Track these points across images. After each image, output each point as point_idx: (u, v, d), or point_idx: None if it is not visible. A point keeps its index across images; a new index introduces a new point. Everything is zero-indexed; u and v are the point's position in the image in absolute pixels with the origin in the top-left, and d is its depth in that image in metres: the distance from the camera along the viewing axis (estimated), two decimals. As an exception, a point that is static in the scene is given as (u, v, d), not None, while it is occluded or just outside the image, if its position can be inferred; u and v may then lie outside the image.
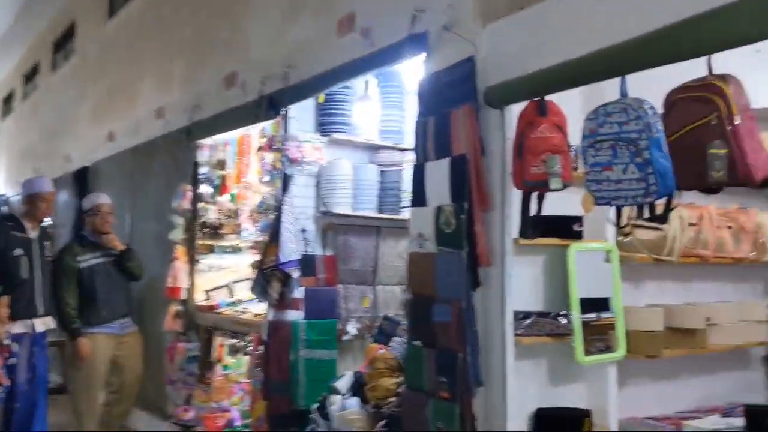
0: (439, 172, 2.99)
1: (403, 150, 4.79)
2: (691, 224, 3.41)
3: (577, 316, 2.94)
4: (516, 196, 2.83)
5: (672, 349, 3.30)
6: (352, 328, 4.67)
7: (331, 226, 4.55)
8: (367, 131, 4.68)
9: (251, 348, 4.78)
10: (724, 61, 2.14)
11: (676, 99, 2.13)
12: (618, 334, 3.13)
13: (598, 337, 3.14)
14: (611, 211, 2.52)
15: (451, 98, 3.00)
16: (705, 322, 3.43)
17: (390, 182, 4.78)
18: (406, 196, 4.79)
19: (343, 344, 4.54)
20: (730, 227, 3.59)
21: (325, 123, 4.56)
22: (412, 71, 4.40)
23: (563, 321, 2.95)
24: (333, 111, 4.58)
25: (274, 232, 4.28)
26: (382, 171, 4.78)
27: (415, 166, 3.19)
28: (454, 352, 2.79)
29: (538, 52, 2.69)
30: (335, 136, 4.53)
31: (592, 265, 3.20)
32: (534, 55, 2.71)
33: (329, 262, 4.48)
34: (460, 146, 2.91)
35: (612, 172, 2.32)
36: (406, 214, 4.73)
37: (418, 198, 3.12)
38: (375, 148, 4.81)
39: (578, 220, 3.04)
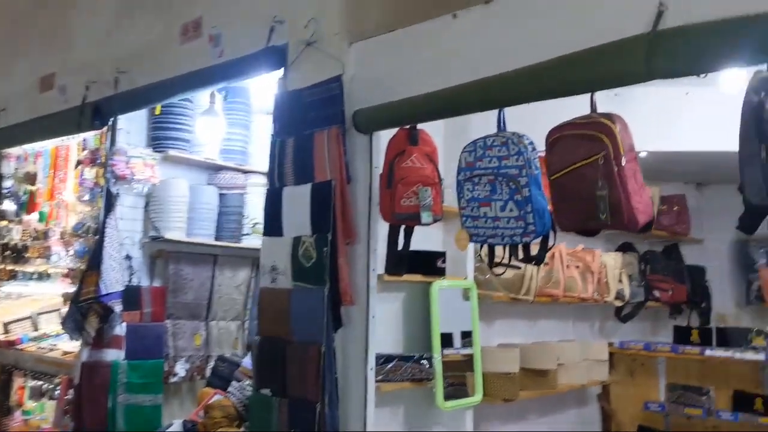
0: (299, 199, 2.76)
1: (246, 172, 4.50)
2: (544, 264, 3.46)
3: (438, 359, 2.82)
4: (382, 228, 2.67)
5: (526, 390, 3.29)
6: (181, 368, 4.26)
7: (161, 253, 4.13)
8: (207, 149, 4.33)
9: (59, 392, 4.18)
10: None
11: (561, 136, 2.08)
12: (476, 377, 3.06)
13: (457, 381, 3.05)
14: (483, 249, 2.43)
15: (315, 119, 2.79)
16: (556, 362, 3.47)
17: (230, 206, 4.45)
18: (249, 223, 4.49)
19: (169, 387, 4.12)
20: (578, 267, 3.70)
21: (160, 138, 4.16)
22: (262, 88, 4.17)
23: (426, 364, 2.80)
24: (170, 125, 4.19)
25: (94, 258, 3.80)
26: (221, 194, 4.43)
27: (269, 190, 2.93)
28: (310, 401, 2.54)
29: (410, 77, 2.57)
30: (171, 152, 4.14)
31: (451, 303, 3.12)
32: (405, 81, 2.58)
33: (157, 294, 4.08)
34: (324, 172, 2.70)
35: (490, 209, 2.23)
36: (247, 242, 4.44)
37: (273, 226, 2.86)
38: (215, 169, 4.46)
39: (442, 255, 2.94)
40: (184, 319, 4.32)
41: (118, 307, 3.78)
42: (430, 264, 2.93)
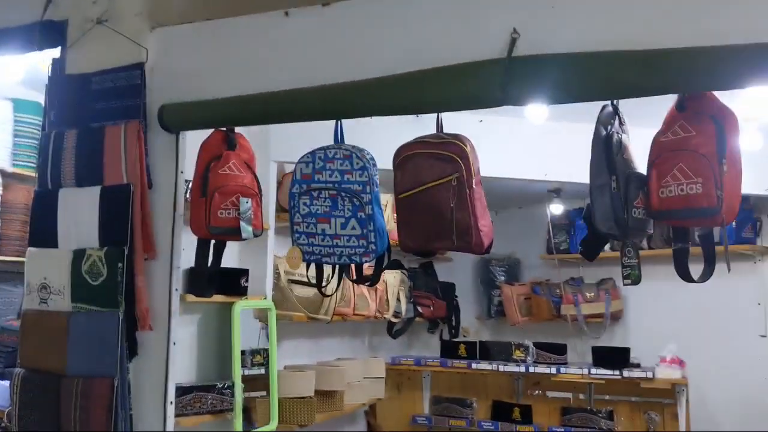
0: (82, 204, 2.37)
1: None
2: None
3: (240, 386, 2.61)
4: (185, 242, 2.39)
5: (319, 413, 3.21)
6: None
7: None
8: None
9: None
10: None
11: (414, 154, 2.05)
12: (272, 402, 2.89)
13: (248, 406, 2.86)
14: (312, 268, 2.30)
15: (107, 110, 2.43)
16: (345, 382, 3.43)
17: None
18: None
19: None
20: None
21: None
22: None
23: (228, 394, 2.58)
24: None
25: None
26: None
27: (38, 192, 2.48)
28: (101, 448, 2.17)
29: (230, 74, 2.35)
30: None
31: (244, 323, 2.92)
32: (223, 78, 2.36)
33: None
34: (119, 173, 2.35)
35: (329, 226, 2.11)
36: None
37: (44, 236, 2.43)
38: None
39: (245, 274, 2.74)
40: None
41: None
42: (232, 283, 2.70)
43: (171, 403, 2.33)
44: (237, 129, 2.46)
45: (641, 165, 1.92)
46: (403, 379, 4.79)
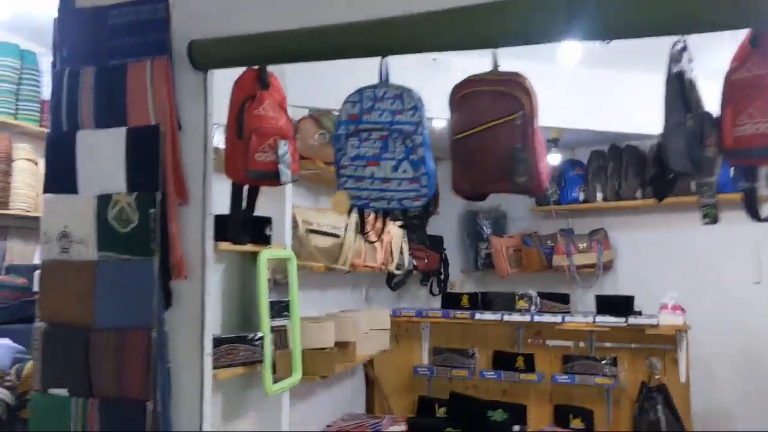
0: (105, 147, 2.25)
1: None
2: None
3: (269, 338, 2.56)
4: (216, 189, 2.30)
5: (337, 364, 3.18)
6: None
7: None
8: None
9: None
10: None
11: (471, 92, 1.98)
12: (295, 354, 2.85)
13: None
14: (352, 215, 2.24)
15: (129, 46, 2.29)
16: (359, 333, 3.41)
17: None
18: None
19: None
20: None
21: None
22: None
23: (259, 345, 2.52)
24: None
25: None
26: None
27: (51, 135, 2.35)
28: (134, 400, 2.10)
29: (265, 8, 2.24)
30: None
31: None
32: (255, 12, 2.24)
33: None
34: (144, 113, 2.23)
35: (379, 169, 2.04)
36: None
37: (61, 181, 2.30)
38: None
39: (269, 222, 2.66)
40: None
41: None
42: (257, 231, 2.62)
43: (208, 354, 2.27)
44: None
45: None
46: (401, 331, 4.80)
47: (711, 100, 1.87)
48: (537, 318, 4.61)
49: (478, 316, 4.67)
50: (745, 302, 4.73)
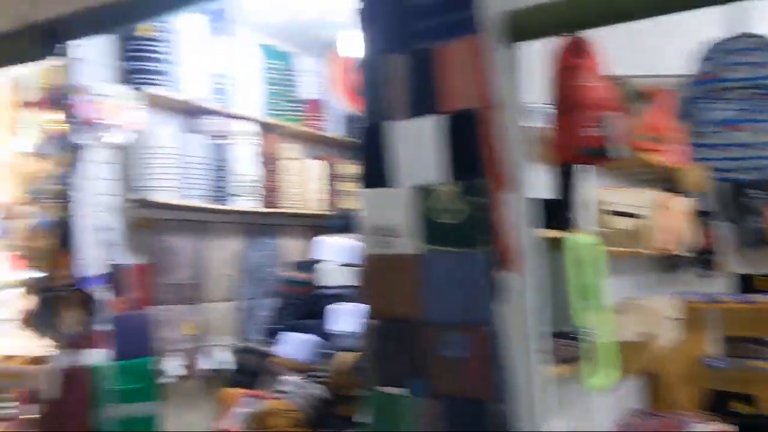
0: (420, 137, 2.19)
1: (231, 117, 3.82)
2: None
3: (594, 331, 2.38)
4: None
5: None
6: (173, 365, 3.57)
7: (148, 221, 3.38)
8: (191, 87, 3.58)
9: (12, 410, 3.38)
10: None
11: None
12: (610, 348, 2.65)
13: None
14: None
15: (432, 28, 2.22)
16: (662, 325, 3.14)
17: (218, 160, 3.75)
18: (240, 180, 3.83)
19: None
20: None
21: (135, 71, 3.37)
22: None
23: (574, 341, 2.36)
24: (141, 54, 3.41)
25: (63, 232, 3.06)
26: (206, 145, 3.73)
27: (366, 128, 2.33)
28: (476, 400, 2.03)
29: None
30: (150, 90, 3.36)
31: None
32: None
33: (143, 275, 3.37)
34: (458, 97, 2.14)
35: (744, 134, 1.78)
36: (236, 204, 3.78)
37: (376, 175, 2.28)
38: (196, 113, 3.73)
39: (569, 205, 2.49)
40: (169, 303, 3.62)
41: (101, 294, 3.08)
42: (560, 215, 2.46)
43: (541, 352, 2.15)
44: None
45: None
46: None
47: None
48: None
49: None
50: None
